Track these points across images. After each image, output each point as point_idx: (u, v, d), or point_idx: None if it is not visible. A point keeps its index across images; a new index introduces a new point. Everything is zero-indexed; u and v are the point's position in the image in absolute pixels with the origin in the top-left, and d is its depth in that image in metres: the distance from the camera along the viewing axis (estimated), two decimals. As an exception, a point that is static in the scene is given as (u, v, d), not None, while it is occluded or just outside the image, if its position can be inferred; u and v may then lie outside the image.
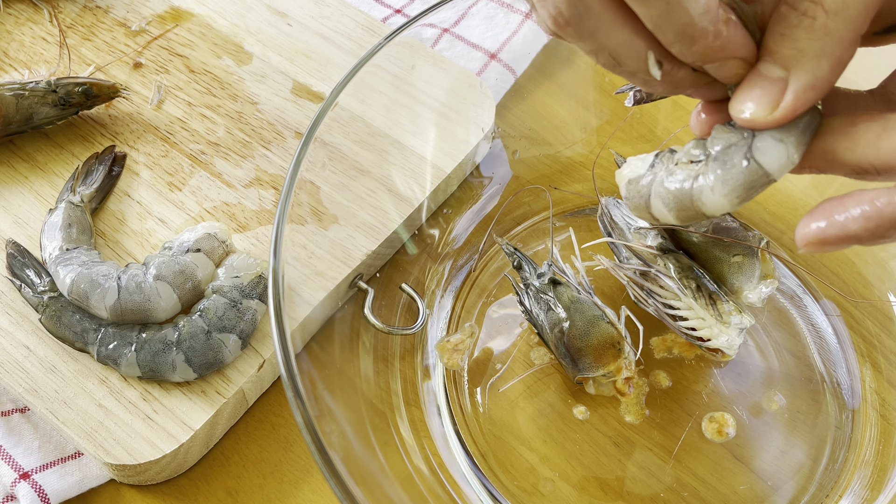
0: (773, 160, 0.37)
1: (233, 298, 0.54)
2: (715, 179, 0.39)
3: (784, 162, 0.37)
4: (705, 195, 0.40)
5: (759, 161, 0.38)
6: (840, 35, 0.34)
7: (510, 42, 0.69)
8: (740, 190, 0.39)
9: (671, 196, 0.42)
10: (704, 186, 0.40)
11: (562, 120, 0.66)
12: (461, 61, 0.68)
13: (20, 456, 0.52)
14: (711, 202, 0.40)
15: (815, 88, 0.35)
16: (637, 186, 0.44)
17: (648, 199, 0.43)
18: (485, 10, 0.71)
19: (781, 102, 0.36)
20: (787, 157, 0.37)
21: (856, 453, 0.54)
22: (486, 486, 0.52)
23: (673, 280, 0.54)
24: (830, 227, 0.36)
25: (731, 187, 0.39)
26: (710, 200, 0.40)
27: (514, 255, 0.57)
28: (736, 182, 0.39)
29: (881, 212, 0.35)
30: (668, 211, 0.42)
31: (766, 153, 0.38)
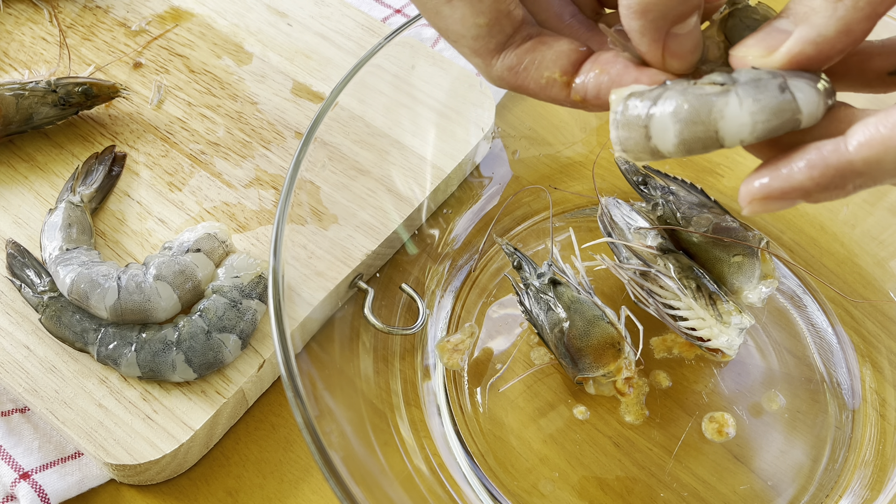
0: (807, 99, 0.35)
1: (233, 298, 0.54)
2: (745, 95, 0.36)
3: (815, 106, 0.35)
4: (730, 108, 0.36)
5: (795, 94, 0.35)
6: (856, 4, 0.34)
7: (510, 42, 0.69)
8: (769, 114, 0.35)
9: (687, 105, 0.37)
10: (732, 97, 0.36)
11: (562, 120, 0.66)
12: (461, 61, 0.68)
13: (20, 456, 0.52)
14: (734, 118, 0.36)
15: (815, 44, 0.35)
16: (641, 100, 0.38)
17: (651, 115, 0.38)
18: (485, 10, 0.71)
19: (779, 49, 0.36)
20: (818, 103, 0.35)
21: (856, 453, 0.54)
22: (486, 486, 0.52)
23: (673, 280, 0.54)
24: (774, 180, 0.35)
25: (762, 106, 0.35)
26: (732, 115, 0.36)
27: (514, 255, 0.57)
28: (767, 103, 0.35)
29: (826, 160, 0.34)
30: (673, 125, 0.37)
31: (802, 90, 0.35)
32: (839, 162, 0.34)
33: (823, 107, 0.36)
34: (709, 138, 0.36)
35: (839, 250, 0.61)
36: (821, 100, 0.36)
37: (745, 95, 0.36)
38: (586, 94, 0.40)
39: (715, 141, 0.36)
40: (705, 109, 0.36)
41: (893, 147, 0.33)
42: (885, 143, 0.33)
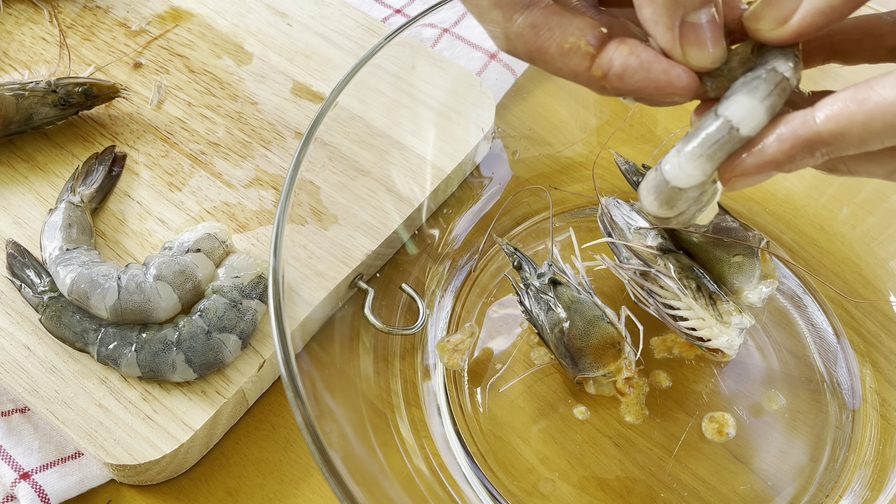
0: (744, 116, 0.37)
1: (233, 298, 0.54)
2: (674, 155, 0.39)
3: (755, 119, 0.37)
4: (668, 169, 0.39)
5: (726, 115, 0.38)
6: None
7: (510, 42, 0.69)
8: (704, 158, 0.38)
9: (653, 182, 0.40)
10: (666, 161, 0.40)
11: (562, 120, 0.66)
12: (461, 61, 0.68)
13: (20, 456, 0.52)
14: (677, 176, 0.39)
15: (824, 14, 0.36)
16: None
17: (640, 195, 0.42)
18: (485, 10, 0.71)
19: (790, 21, 0.36)
20: (758, 117, 0.37)
21: (856, 453, 0.54)
22: (486, 486, 0.52)
23: (673, 280, 0.54)
24: (749, 156, 0.37)
25: (689, 156, 0.38)
26: (673, 175, 0.39)
27: (514, 255, 0.57)
28: (695, 149, 0.38)
29: (795, 133, 0.36)
30: (653, 199, 0.41)
31: (737, 110, 0.38)
32: (807, 134, 0.36)
33: (766, 114, 0.38)
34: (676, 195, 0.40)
35: (839, 250, 0.61)
36: (761, 108, 0.37)
37: (673, 156, 0.39)
38: (610, 69, 0.38)
39: (681, 192, 0.40)
40: (664, 182, 0.40)
41: (857, 121, 0.35)
42: (850, 117, 0.35)
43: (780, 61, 0.38)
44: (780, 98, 0.37)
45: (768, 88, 0.37)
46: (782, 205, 0.62)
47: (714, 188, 0.43)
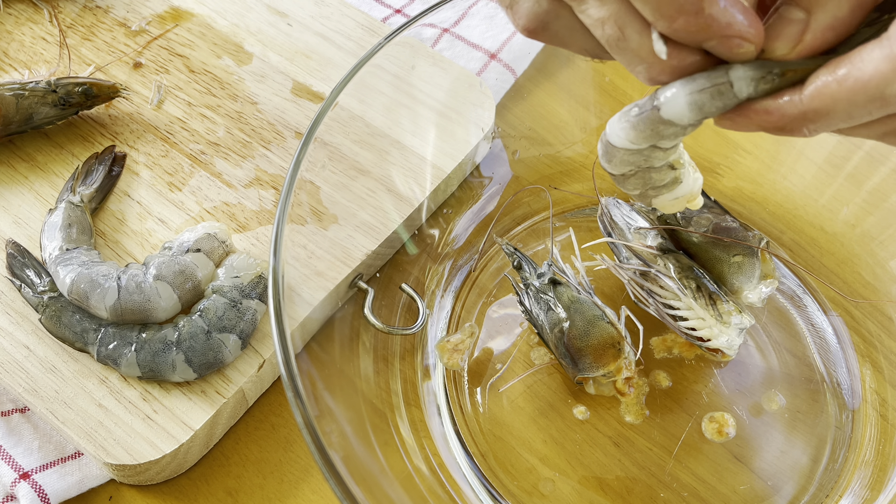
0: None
1: (233, 298, 0.54)
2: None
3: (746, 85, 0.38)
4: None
5: (659, 92, 0.40)
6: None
7: (510, 42, 0.69)
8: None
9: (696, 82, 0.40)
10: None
11: (562, 120, 0.66)
12: (461, 61, 0.68)
13: (20, 456, 0.52)
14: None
15: (833, 29, 0.36)
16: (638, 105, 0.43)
17: (661, 98, 0.42)
18: (485, 10, 0.71)
19: (802, 41, 0.37)
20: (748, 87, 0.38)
21: (856, 453, 0.54)
22: (486, 486, 0.52)
23: (673, 280, 0.54)
24: (738, 115, 0.39)
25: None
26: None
27: (514, 255, 0.57)
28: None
29: (782, 109, 0.37)
30: (685, 95, 0.40)
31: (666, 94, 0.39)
32: (793, 111, 0.37)
33: (688, 107, 0.39)
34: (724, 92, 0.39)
35: (839, 250, 0.61)
36: (684, 99, 0.39)
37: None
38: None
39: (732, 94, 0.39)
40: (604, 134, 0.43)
41: (841, 99, 0.35)
42: (833, 96, 0.36)
43: (741, 68, 0.37)
44: (714, 99, 0.38)
45: (703, 85, 0.38)
46: (782, 205, 0.62)
47: (672, 175, 0.46)
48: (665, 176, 0.46)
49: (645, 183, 0.46)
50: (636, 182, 0.46)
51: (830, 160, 0.62)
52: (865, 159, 0.61)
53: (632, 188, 0.47)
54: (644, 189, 0.47)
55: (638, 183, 0.46)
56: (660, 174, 0.46)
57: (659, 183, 0.46)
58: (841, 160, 0.62)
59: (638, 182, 0.46)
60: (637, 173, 0.45)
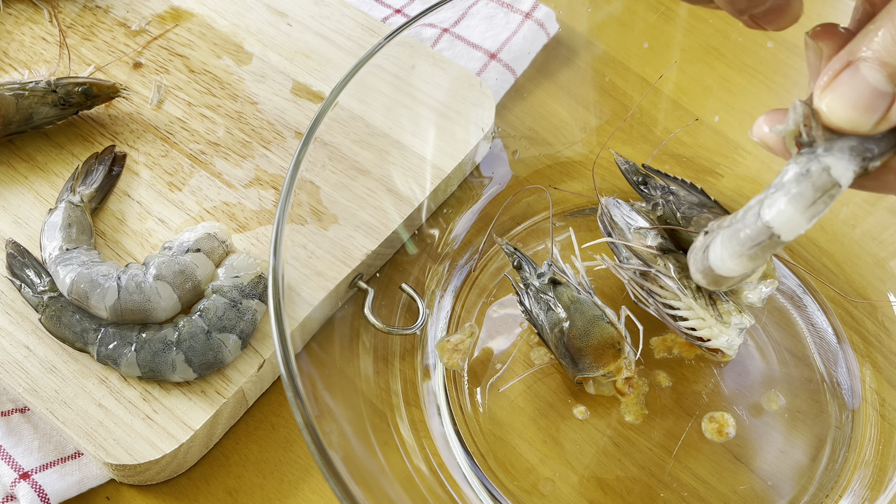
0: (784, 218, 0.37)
1: (233, 298, 0.54)
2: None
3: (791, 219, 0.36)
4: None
5: (767, 220, 0.37)
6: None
7: (510, 42, 0.69)
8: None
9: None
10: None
11: (562, 120, 0.66)
12: (461, 61, 0.68)
13: (20, 456, 0.52)
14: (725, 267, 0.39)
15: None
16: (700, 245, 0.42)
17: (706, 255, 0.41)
18: (485, 10, 0.71)
19: (888, 117, 0.33)
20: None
21: (856, 453, 0.54)
22: (486, 486, 0.52)
23: (673, 280, 0.54)
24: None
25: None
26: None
27: (514, 255, 0.57)
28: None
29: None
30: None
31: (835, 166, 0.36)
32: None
33: (808, 222, 0.37)
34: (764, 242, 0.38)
35: (839, 250, 0.61)
36: (803, 218, 0.36)
37: (718, 245, 0.40)
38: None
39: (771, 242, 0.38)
40: (709, 268, 0.40)
41: None
42: None
43: (840, 161, 0.34)
44: (827, 204, 0.35)
45: (814, 196, 0.35)
46: (782, 205, 0.62)
47: (765, 267, 0.44)
48: (761, 270, 0.45)
49: (742, 280, 0.43)
50: (734, 284, 0.43)
51: (830, 160, 0.62)
52: (865, 159, 0.61)
53: (726, 287, 0.44)
54: (740, 282, 0.45)
55: (735, 284, 0.43)
56: (757, 272, 0.44)
57: (755, 277, 0.45)
58: (841, 160, 0.62)
59: (736, 283, 0.43)
60: (741, 279, 0.43)
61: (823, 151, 0.35)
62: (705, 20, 0.65)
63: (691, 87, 0.66)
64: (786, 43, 0.64)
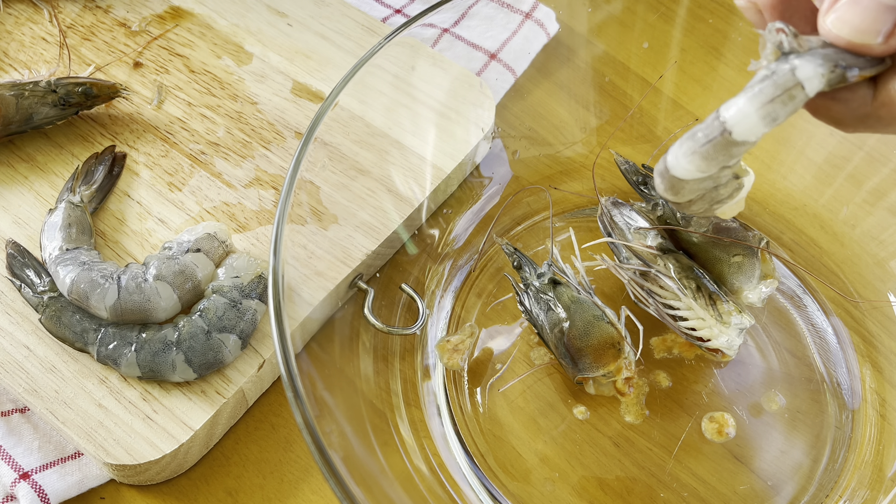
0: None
1: (233, 298, 0.54)
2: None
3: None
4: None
5: (723, 116, 0.37)
6: None
7: (510, 42, 0.69)
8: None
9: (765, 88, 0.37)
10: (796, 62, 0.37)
11: (562, 120, 0.66)
12: (461, 61, 0.68)
13: (20, 456, 0.52)
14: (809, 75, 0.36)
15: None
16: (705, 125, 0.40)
17: (727, 117, 0.39)
18: (485, 10, 0.71)
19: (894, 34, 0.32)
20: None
21: (856, 453, 0.54)
22: (486, 486, 0.52)
23: (673, 280, 0.54)
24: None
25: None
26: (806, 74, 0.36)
27: (514, 255, 0.57)
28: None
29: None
30: (756, 110, 0.38)
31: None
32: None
33: (762, 122, 0.36)
34: (790, 96, 0.36)
35: (839, 250, 0.61)
36: (756, 116, 0.36)
37: (676, 146, 0.39)
38: None
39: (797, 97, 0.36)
40: (666, 170, 0.40)
41: None
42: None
43: (809, 64, 0.35)
44: (786, 105, 0.36)
45: (772, 94, 0.36)
46: (782, 205, 0.62)
47: (736, 183, 0.44)
48: (731, 187, 0.44)
49: (711, 201, 0.44)
50: (702, 203, 0.44)
51: (830, 160, 0.62)
52: (865, 159, 0.61)
53: (696, 209, 0.44)
54: (709, 206, 0.45)
55: (704, 203, 0.44)
56: (726, 188, 0.43)
57: (724, 196, 0.44)
58: (841, 160, 0.62)
59: (704, 203, 0.44)
60: (704, 196, 0.43)
61: (796, 57, 0.35)
62: (705, 20, 0.65)
63: (691, 87, 0.66)
64: (786, 43, 0.64)
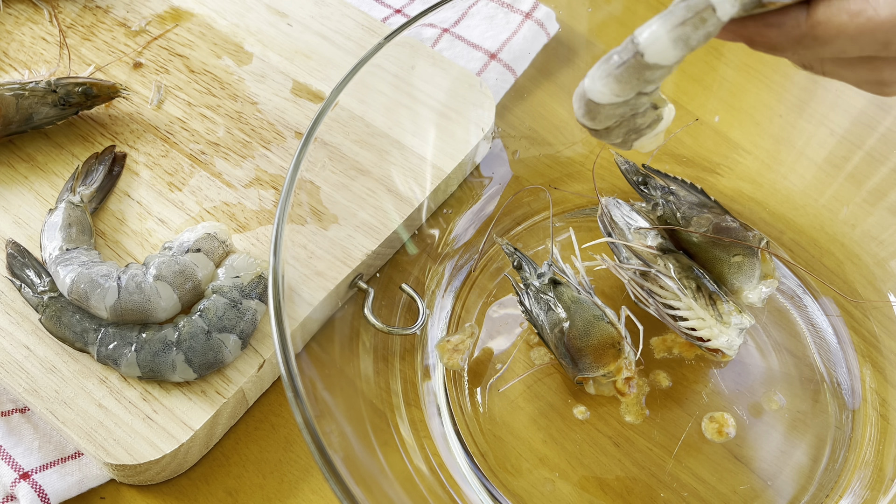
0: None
1: (233, 298, 0.54)
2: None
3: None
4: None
5: (636, 38, 0.37)
6: None
7: (510, 42, 0.69)
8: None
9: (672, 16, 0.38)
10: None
11: (562, 120, 0.66)
12: (461, 61, 0.68)
13: (20, 456, 0.52)
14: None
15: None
16: (617, 52, 0.41)
17: (639, 40, 0.40)
18: (485, 10, 0.71)
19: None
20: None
21: (856, 453, 0.54)
22: (486, 486, 0.52)
23: (673, 280, 0.54)
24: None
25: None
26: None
27: (514, 255, 0.57)
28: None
29: (785, 29, 0.36)
30: (667, 32, 0.38)
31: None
32: (793, 33, 0.36)
33: (673, 45, 0.37)
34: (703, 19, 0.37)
35: (839, 250, 0.61)
36: (667, 38, 0.37)
37: (594, 68, 0.39)
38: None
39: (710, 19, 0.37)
40: (584, 93, 0.40)
41: (846, 34, 0.35)
42: (839, 28, 0.35)
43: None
44: (697, 29, 0.36)
45: (683, 16, 0.36)
46: (782, 205, 0.62)
47: (655, 114, 0.43)
48: (649, 118, 0.43)
49: (629, 130, 0.43)
50: (619, 132, 0.43)
51: (830, 160, 0.62)
52: (865, 159, 0.61)
53: (614, 138, 0.44)
54: (627, 136, 0.44)
55: (621, 132, 0.43)
56: (644, 118, 0.43)
57: (643, 126, 0.44)
58: (841, 160, 0.62)
59: (621, 131, 0.43)
60: (621, 123, 0.43)
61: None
62: (705, 20, 0.65)
63: (691, 87, 0.66)
64: (786, 43, 0.64)
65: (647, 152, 0.49)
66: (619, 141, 0.44)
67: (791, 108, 0.64)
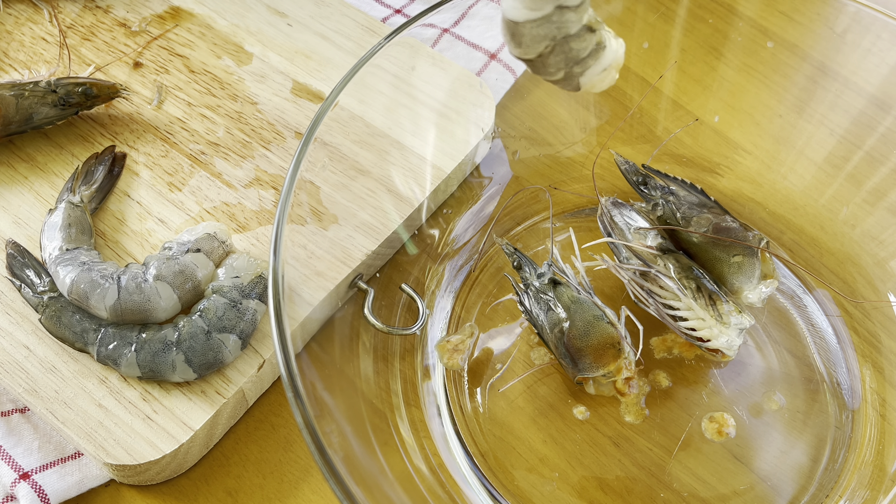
0: None
1: (233, 298, 0.54)
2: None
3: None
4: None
5: None
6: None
7: (510, 42, 0.69)
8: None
9: None
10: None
11: (562, 120, 0.66)
12: (461, 61, 0.68)
13: (20, 456, 0.52)
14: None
15: None
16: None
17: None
18: (485, 10, 0.71)
19: None
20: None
21: (856, 453, 0.54)
22: (486, 486, 0.52)
23: (673, 280, 0.54)
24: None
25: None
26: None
27: (514, 255, 0.57)
28: None
29: None
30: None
31: None
32: None
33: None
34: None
35: (839, 250, 0.61)
36: None
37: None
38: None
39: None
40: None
41: None
42: None
43: None
44: None
45: None
46: (782, 205, 0.62)
47: (593, 39, 0.41)
48: (586, 42, 0.41)
49: (567, 58, 0.41)
50: (557, 61, 0.41)
51: (830, 160, 0.62)
52: (865, 159, 0.61)
53: (554, 70, 0.42)
54: (568, 67, 0.41)
55: (559, 61, 0.41)
56: (580, 42, 0.41)
57: (583, 53, 0.41)
58: (841, 160, 0.62)
59: (559, 60, 0.41)
60: (555, 49, 0.40)
61: None
62: (705, 20, 0.65)
63: (691, 87, 0.66)
64: (786, 43, 0.64)
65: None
66: (561, 76, 0.42)
67: (791, 108, 0.64)
